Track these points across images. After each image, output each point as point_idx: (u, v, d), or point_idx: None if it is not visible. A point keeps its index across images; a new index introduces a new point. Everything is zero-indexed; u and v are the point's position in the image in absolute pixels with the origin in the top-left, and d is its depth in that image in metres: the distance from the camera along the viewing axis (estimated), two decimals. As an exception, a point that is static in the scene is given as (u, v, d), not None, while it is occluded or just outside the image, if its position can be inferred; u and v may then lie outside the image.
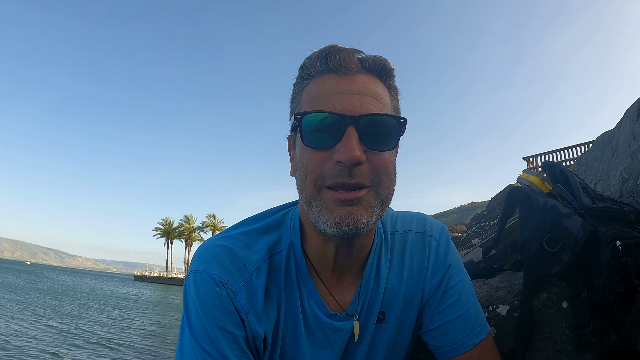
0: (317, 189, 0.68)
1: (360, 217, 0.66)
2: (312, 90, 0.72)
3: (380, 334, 0.85)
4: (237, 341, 0.72)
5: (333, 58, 0.70)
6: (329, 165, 0.67)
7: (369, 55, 0.73)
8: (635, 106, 1.33)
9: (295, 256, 0.80)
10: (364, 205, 0.67)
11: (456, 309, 0.84)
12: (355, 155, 0.64)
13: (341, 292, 0.82)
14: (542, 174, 1.32)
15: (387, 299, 0.85)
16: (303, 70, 0.74)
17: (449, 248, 0.90)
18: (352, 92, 0.68)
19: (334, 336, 0.80)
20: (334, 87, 0.69)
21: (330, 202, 0.67)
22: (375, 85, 0.71)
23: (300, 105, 0.73)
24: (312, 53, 0.74)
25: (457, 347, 0.83)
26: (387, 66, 0.73)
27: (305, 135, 0.68)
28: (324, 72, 0.71)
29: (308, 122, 0.68)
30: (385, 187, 0.70)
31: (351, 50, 0.72)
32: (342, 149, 0.65)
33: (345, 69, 0.69)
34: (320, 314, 0.79)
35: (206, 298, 0.72)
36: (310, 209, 0.70)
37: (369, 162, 0.67)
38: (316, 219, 0.69)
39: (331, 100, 0.68)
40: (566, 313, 0.98)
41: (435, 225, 0.93)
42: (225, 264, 0.75)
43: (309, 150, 0.69)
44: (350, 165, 0.65)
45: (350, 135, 0.65)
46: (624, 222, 0.95)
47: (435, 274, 0.87)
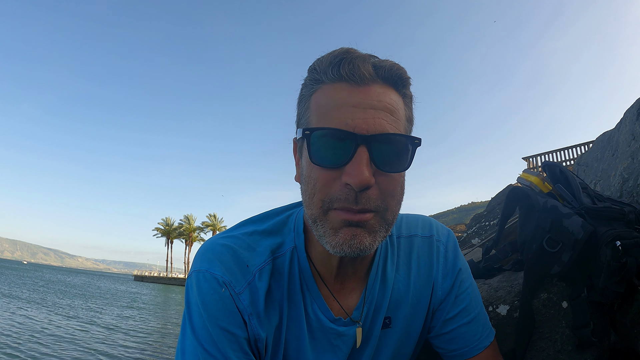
0: (324, 211, 0.66)
1: (364, 239, 0.65)
2: (322, 99, 0.67)
3: (387, 338, 0.84)
4: (239, 342, 0.72)
5: (346, 66, 0.65)
6: (337, 187, 0.64)
7: (386, 62, 0.68)
8: (635, 106, 1.33)
9: (299, 260, 0.79)
10: (368, 229, 0.65)
11: (468, 313, 0.86)
12: (365, 178, 0.61)
13: (345, 297, 0.81)
14: (542, 174, 1.32)
15: (393, 304, 0.84)
16: (313, 74, 0.69)
17: (457, 252, 0.90)
18: (365, 107, 0.64)
19: (337, 341, 0.80)
20: (346, 98, 0.64)
21: (336, 223, 0.65)
22: (389, 96, 0.67)
23: (309, 113, 0.70)
24: (323, 56, 0.69)
25: (469, 349, 0.85)
26: (404, 75, 0.69)
27: (313, 152, 0.65)
28: (336, 81, 0.66)
29: (317, 138, 0.64)
30: (391, 211, 0.67)
31: (366, 57, 0.67)
32: (352, 171, 0.62)
33: (359, 78, 0.64)
34: (324, 319, 0.78)
35: (209, 298, 0.71)
36: (315, 227, 0.68)
37: (378, 185, 0.65)
38: (320, 238, 0.68)
39: (343, 114, 0.64)
40: (566, 313, 0.98)
41: (442, 229, 0.92)
42: (229, 265, 0.74)
43: (318, 168, 0.65)
44: (359, 189, 0.62)
45: (360, 156, 0.62)
46: (624, 222, 0.95)
47: (447, 279, 0.87)
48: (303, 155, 0.71)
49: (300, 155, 0.74)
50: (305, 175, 0.69)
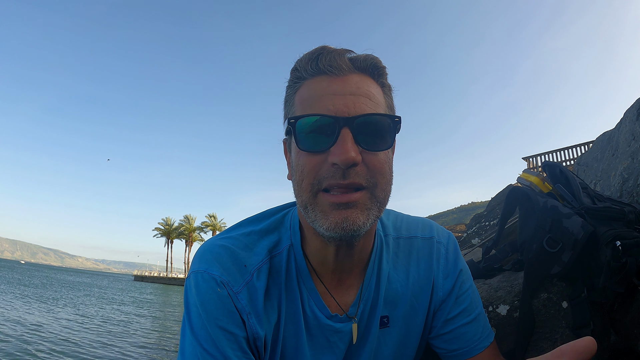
0: (313, 194, 0.68)
1: (357, 219, 0.66)
2: (305, 93, 0.71)
3: (385, 338, 0.85)
4: (238, 341, 0.72)
5: (324, 59, 0.69)
6: (324, 169, 0.66)
7: (360, 55, 0.72)
8: (635, 106, 1.33)
9: (295, 257, 0.80)
10: (360, 207, 0.67)
11: (469, 313, 0.87)
12: (350, 156, 0.63)
13: (342, 294, 0.82)
14: (542, 174, 1.32)
15: (390, 303, 0.85)
16: (294, 73, 0.74)
17: (458, 254, 0.92)
18: (344, 93, 0.67)
19: (334, 338, 0.80)
20: (326, 88, 0.68)
21: (326, 206, 0.67)
22: (367, 84, 0.70)
23: (294, 108, 0.73)
24: (302, 55, 0.73)
25: (469, 349, 0.86)
26: (379, 64, 0.72)
27: (299, 139, 0.68)
28: (316, 74, 0.70)
29: (302, 125, 0.67)
30: (381, 188, 0.69)
31: (341, 51, 0.71)
32: (337, 151, 0.64)
33: (336, 69, 0.69)
34: (321, 315, 0.79)
35: (207, 298, 0.72)
36: (306, 212, 0.70)
37: (365, 163, 0.67)
38: (313, 223, 0.69)
39: (324, 102, 0.67)
40: (566, 313, 0.98)
41: (442, 231, 0.93)
42: (227, 265, 0.75)
43: (304, 154, 0.68)
44: (345, 167, 0.64)
45: (345, 137, 0.64)
46: (624, 222, 0.95)
47: (448, 279, 0.88)
48: (292, 149, 0.73)
49: (289, 151, 0.76)
50: (295, 165, 0.71)
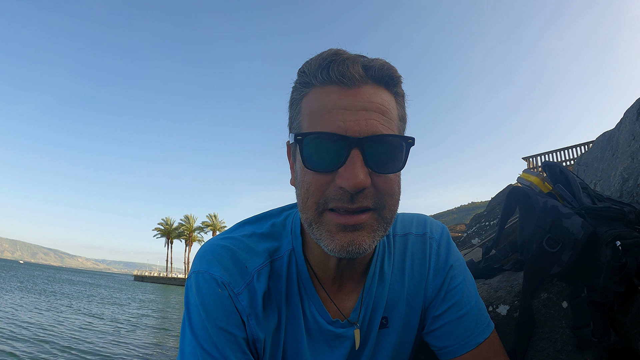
0: (319, 213, 0.65)
1: (363, 242, 0.64)
2: (313, 103, 0.66)
3: (384, 339, 0.84)
4: (238, 342, 0.72)
5: (335, 68, 0.64)
6: (331, 189, 0.64)
7: (375, 62, 0.67)
8: (635, 106, 1.33)
9: (296, 262, 0.79)
10: (367, 229, 0.65)
11: (458, 309, 0.83)
12: (359, 182, 0.60)
13: (343, 299, 0.81)
14: (542, 174, 1.32)
15: (390, 304, 0.84)
16: (302, 76, 0.69)
17: (450, 249, 0.89)
18: (356, 108, 0.63)
19: (335, 342, 0.80)
20: (337, 101, 0.63)
21: (332, 226, 0.65)
22: (381, 96, 0.66)
23: (300, 116, 0.69)
24: (311, 58, 0.68)
25: (459, 346, 0.82)
26: (395, 74, 0.68)
27: (306, 156, 0.64)
28: (326, 83, 0.65)
29: (310, 143, 0.63)
30: (389, 209, 0.67)
31: (355, 57, 0.66)
32: (345, 174, 0.61)
33: (349, 80, 0.63)
34: (322, 321, 0.79)
35: (208, 299, 0.72)
36: (311, 230, 0.68)
37: (374, 185, 0.64)
38: (318, 240, 0.68)
39: (334, 117, 0.63)
40: (566, 313, 0.98)
41: (436, 226, 0.91)
42: (228, 266, 0.74)
43: (311, 172, 0.65)
44: (354, 192, 0.61)
45: (354, 159, 0.61)
46: (624, 222, 0.95)
47: (437, 276, 0.86)
48: (297, 160, 0.70)
49: (294, 159, 0.74)
50: (299, 179, 0.69)
